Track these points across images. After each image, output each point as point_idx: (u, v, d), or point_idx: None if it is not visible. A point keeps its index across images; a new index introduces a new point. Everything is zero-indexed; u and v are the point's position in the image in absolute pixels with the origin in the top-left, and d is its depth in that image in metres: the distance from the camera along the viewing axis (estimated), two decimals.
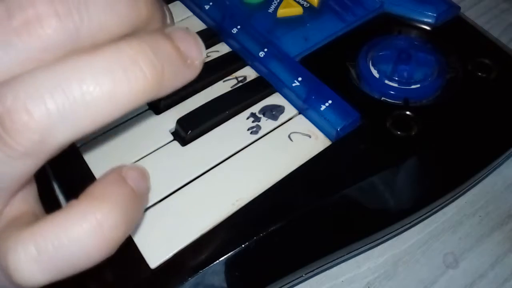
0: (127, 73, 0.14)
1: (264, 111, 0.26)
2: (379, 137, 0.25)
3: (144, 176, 0.18)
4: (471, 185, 0.28)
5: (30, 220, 0.16)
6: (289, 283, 0.24)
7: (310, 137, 0.25)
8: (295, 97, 0.26)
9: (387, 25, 0.30)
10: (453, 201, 0.29)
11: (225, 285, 0.22)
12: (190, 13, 0.32)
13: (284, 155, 0.24)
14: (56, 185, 0.27)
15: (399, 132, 0.25)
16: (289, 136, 0.25)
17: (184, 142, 0.25)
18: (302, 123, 0.26)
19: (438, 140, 0.25)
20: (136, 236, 0.22)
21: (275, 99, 0.27)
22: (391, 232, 0.26)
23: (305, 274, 0.24)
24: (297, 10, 0.30)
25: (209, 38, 0.30)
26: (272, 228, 0.22)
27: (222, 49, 0.30)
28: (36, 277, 0.15)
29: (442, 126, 0.25)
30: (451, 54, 0.28)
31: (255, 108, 0.26)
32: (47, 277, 0.15)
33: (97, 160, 0.25)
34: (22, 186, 0.16)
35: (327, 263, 0.25)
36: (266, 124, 0.26)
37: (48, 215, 0.15)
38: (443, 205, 0.28)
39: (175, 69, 0.16)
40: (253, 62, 0.28)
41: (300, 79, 0.26)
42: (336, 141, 0.25)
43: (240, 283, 0.22)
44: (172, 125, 0.26)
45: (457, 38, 0.29)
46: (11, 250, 0.14)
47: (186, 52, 0.16)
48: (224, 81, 0.28)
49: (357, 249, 0.25)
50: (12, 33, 0.14)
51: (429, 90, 0.27)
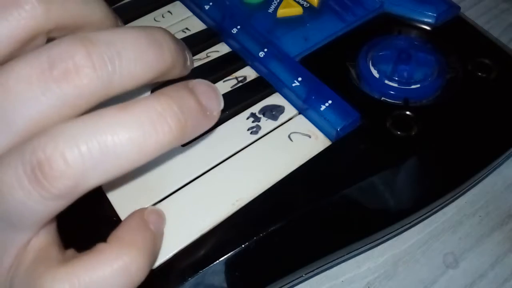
0: (156, 127, 0.16)
1: (264, 111, 0.26)
2: (379, 137, 0.25)
3: (162, 218, 0.21)
4: (471, 185, 0.28)
5: (57, 254, 0.17)
6: (289, 283, 0.24)
7: (310, 137, 0.25)
8: (295, 97, 0.26)
9: (387, 25, 0.30)
10: (453, 201, 0.29)
11: (225, 285, 0.22)
12: (190, 13, 0.32)
13: (284, 155, 0.24)
14: None
15: (399, 132, 0.25)
16: (289, 136, 0.25)
17: None
18: (302, 123, 0.26)
19: (438, 140, 0.25)
20: None
21: (275, 99, 0.27)
22: (391, 232, 0.26)
23: (305, 274, 0.24)
24: (297, 10, 0.30)
25: (209, 38, 0.30)
26: (272, 228, 0.22)
27: (222, 49, 0.30)
28: None
29: (442, 126, 0.25)
30: (451, 54, 0.28)
31: (255, 108, 0.26)
32: None
33: None
34: (49, 220, 0.17)
35: (327, 263, 0.25)
36: (266, 124, 0.26)
37: (79, 254, 0.17)
38: (443, 205, 0.28)
39: (197, 121, 0.18)
40: (253, 62, 0.28)
41: (300, 79, 0.26)
42: (336, 141, 0.25)
43: (240, 283, 0.22)
44: None
45: (457, 38, 0.29)
46: None
47: (206, 105, 0.18)
48: (224, 81, 0.28)
49: (357, 249, 0.25)
50: (52, 81, 0.16)
51: (429, 90, 0.27)
